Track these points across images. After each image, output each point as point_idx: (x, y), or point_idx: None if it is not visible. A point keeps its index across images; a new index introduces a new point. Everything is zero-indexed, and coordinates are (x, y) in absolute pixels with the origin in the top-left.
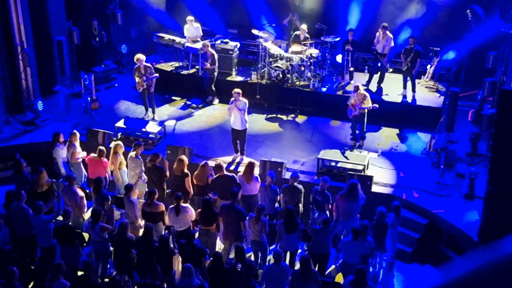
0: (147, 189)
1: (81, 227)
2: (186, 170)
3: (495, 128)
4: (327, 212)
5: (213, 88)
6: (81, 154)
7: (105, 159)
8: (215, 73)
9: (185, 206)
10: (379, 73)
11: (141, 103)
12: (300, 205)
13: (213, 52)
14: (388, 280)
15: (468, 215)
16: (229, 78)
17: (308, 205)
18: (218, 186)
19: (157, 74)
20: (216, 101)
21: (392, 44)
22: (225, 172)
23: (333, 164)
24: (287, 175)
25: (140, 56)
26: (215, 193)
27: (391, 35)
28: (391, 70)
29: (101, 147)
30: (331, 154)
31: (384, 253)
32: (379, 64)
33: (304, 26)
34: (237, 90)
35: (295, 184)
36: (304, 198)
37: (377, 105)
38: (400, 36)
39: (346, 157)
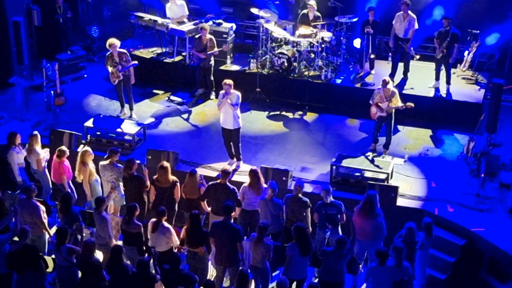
0: (125, 203)
1: (42, 249)
2: (172, 177)
3: None
4: (339, 228)
5: (213, 82)
6: (46, 156)
7: (66, 162)
8: (212, 63)
9: (166, 227)
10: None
11: (115, 98)
12: (308, 221)
13: (211, 36)
14: None
15: None
16: (223, 67)
17: (315, 223)
18: (212, 197)
19: (135, 62)
20: (213, 95)
21: (416, 26)
22: (227, 182)
23: (349, 171)
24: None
25: (113, 41)
26: (208, 204)
27: (414, 15)
28: (417, 57)
29: (62, 147)
30: (348, 160)
31: (412, 280)
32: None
33: (312, 2)
34: (228, 81)
35: (300, 195)
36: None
37: (412, 104)
38: (430, 17)
39: (365, 164)
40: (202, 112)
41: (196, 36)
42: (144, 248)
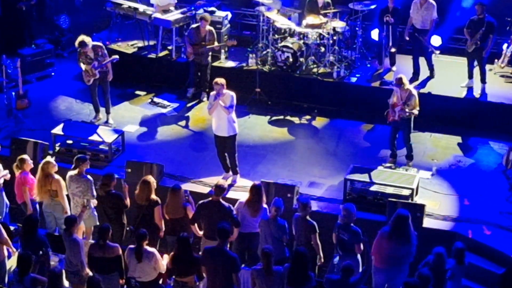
0: (98, 223)
1: (0, 280)
2: (154, 197)
3: None
4: (359, 256)
5: (208, 79)
6: (1, 173)
7: (30, 176)
8: (210, 59)
9: (151, 251)
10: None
11: (89, 101)
12: (318, 248)
13: (211, 28)
14: None
15: None
16: (216, 64)
17: (330, 247)
18: (204, 219)
19: (116, 56)
20: (205, 97)
21: (435, 15)
22: (221, 199)
23: (367, 187)
24: None
25: (84, 40)
26: (199, 227)
27: (433, 2)
28: (437, 52)
29: (24, 156)
30: (364, 173)
31: None
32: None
33: None
34: (219, 80)
35: (307, 217)
36: (325, 236)
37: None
38: (460, 3)
39: (386, 178)
40: (192, 116)
41: (193, 26)
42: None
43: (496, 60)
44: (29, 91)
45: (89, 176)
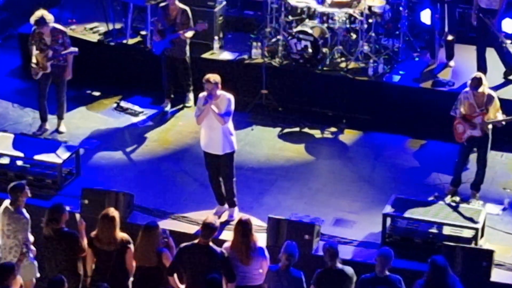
0: (38, 275)
1: None
2: (122, 234)
3: None
4: None
5: (190, 80)
6: None
7: None
8: (188, 51)
9: None
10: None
11: (31, 105)
12: None
13: (184, 6)
14: None
15: None
16: (207, 55)
17: None
18: (188, 267)
19: (75, 49)
20: (190, 100)
21: None
22: (210, 242)
23: (414, 226)
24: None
25: (43, 15)
26: (180, 279)
27: None
28: (508, 42)
29: None
30: (410, 207)
31: None
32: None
33: None
34: (212, 77)
35: (339, 265)
36: None
37: None
38: None
39: (440, 213)
40: (173, 127)
41: (162, 5)
42: None
43: None
44: None
45: (25, 212)
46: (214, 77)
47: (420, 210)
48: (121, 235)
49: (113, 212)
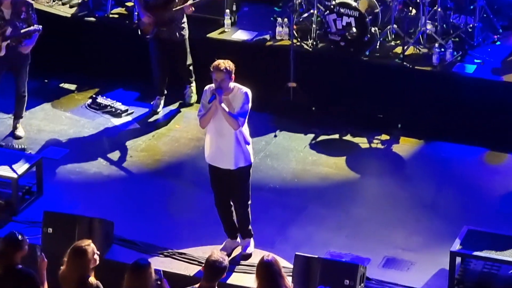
0: None
1: None
2: (92, 280)
3: None
4: None
5: (191, 68)
6: None
7: None
8: (186, 30)
9: None
10: None
11: None
12: None
13: None
14: None
15: None
16: (214, 35)
17: None
18: None
19: (38, 27)
20: (192, 93)
21: None
22: (216, 286)
23: (493, 269)
24: None
25: None
26: None
27: None
28: None
29: None
30: (488, 244)
31: None
32: None
33: None
34: (222, 63)
35: None
36: None
37: None
38: None
39: None
40: (168, 133)
41: None
42: None
43: None
44: None
45: None
46: (225, 64)
47: (501, 248)
48: (92, 280)
49: (86, 245)
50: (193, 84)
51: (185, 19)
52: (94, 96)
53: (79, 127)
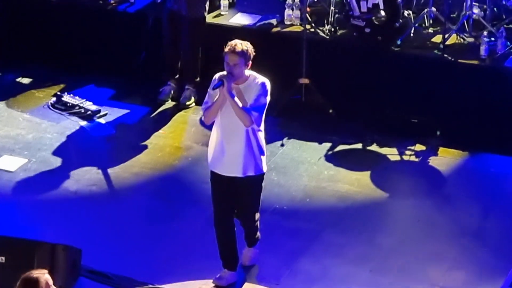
0: None
1: None
2: None
3: None
4: None
5: (198, 63)
6: None
7: None
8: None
9: None
10: None
11: None
12: None
13: None
14: None
15: None
16: (208, 18)
17: None
18: None
19: None
20: (190, 101)
21: None
22: None
23: None
24: None
25: None
26: None
27: None
28: None
29: None
30: None
31: None
32: None
33: None
34: (239, 45)
35: None
36: None
37: None
38: None
39: None
40: (151, 140)
41: None
42: None
43: None
44: None
45: None
46: (243, 46)
47: None
48: None
49: (38, 273)
50: (194, 90)
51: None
52: (59, 93)
53: (40, 131)
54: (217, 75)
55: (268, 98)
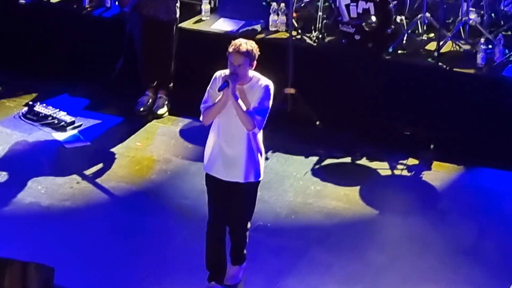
0: None
1: None
2: None
3: None
4: None
5: (172, 69)
6: None
7: None
8: (177, 11)
9: None
10: None
11: None
12: None
13: None
14: None
15: None
16: (188, 24)
17: None
18: None
19: None
20: (164, 104)
21: None
22: None
23: None
24: None
25: None
26: None
27: None
28: None
29: None
30: None
31: None
32: None
33: None
34: (244, 44)
35: None
36: None
37: None
38: None
39: None
40: (127, 152)
41: None
42: None
43: None
44: None
45: None
46: (248, 46)
47: None
48: None
49: None
50: (166, 98)
51: None
52: (30, 103)
53: (10, 143)
54: (217, 74)
55: (271, 102)
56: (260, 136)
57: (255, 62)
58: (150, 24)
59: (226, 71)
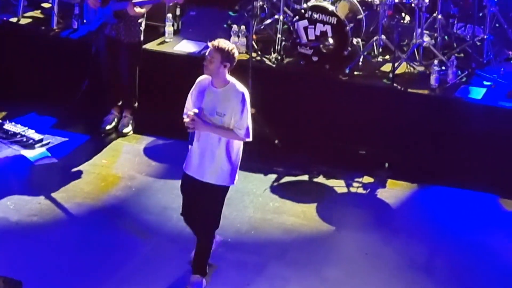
0: None
1: None
2: None
3: None
4: None
5: (135, 88)
6: None
7: None
8: (141, 31)
9: None
10: None
11: None
12: None
13: None
14: None
15: None
16: (152, 46)
17: None
18: None
19: None
20: (128, 128)
21: None
22: None
23: None
24: None
25: None
26: None
27: None
28: None
29: None
30: None
31: None
32: None
33: None
34: (217, 42)
35: None
36: None
37: None
38: None
39: None
40: (93, 169)
41: None
42: None
43: None
44: None
45: None
46: (223, 44)
47: None
48: None
49: None
50: (131, 117)
51: (143, 21)
52: (0, 121)
53: None
54: (199, 78)
55: (249, 107)
56: (238, 143)
57: (229, 64)
58: (114, 45)
59: (205, 76)
